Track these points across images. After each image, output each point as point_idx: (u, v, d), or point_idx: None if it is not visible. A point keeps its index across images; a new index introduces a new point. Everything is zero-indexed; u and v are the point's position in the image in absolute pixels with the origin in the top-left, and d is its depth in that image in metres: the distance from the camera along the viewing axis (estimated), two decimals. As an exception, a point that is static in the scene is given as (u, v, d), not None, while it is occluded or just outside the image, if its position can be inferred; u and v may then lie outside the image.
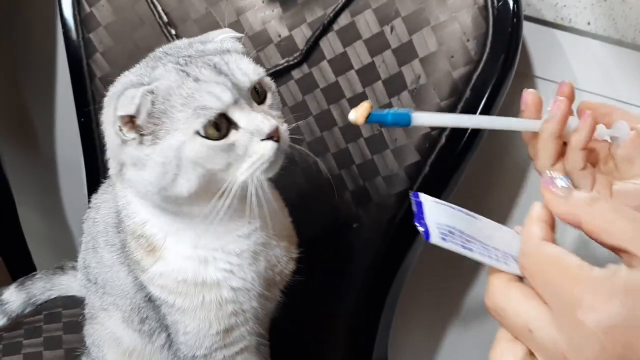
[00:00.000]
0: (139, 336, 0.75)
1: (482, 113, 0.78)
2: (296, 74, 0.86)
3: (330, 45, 0.83)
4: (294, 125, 0.62)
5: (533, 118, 0.57)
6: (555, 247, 0.40)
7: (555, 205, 0.42)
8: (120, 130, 0.56)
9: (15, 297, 1.03)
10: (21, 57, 1.29)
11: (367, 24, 0.80)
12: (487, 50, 0.76)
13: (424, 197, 0.46)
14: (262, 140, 0.56)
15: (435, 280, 1.11)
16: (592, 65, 0.83)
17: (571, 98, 0.56)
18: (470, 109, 0.78)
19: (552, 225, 0.42)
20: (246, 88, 0.57)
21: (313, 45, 0.84)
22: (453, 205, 0.48)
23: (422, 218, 0.44)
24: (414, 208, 0.46)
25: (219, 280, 0.64)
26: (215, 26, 0.88)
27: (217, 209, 0.57)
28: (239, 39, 0.63)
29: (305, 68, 0.86)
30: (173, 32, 0.89)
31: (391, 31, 0.79)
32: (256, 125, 0.56)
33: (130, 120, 0.56)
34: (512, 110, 0.87)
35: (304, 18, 0.84)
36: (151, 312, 0.71)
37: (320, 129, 0.87)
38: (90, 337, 0.82)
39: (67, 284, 1.04)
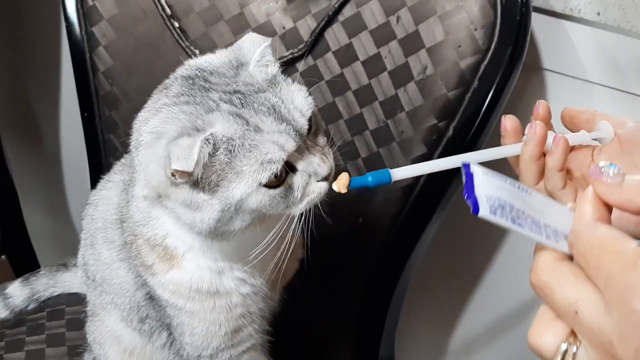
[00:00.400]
0: (139, 335, 0.74)
1: (490, 104, 0.77)
2: (301, 66, 0.85)
3: (336, 36, 0.82)
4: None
5: (513, 142, 0.58)
6: (610, 229, 0.39)
7: (610, 195, 0.41)
8: (173, 175, 0.52)
9: (19, 292, 1.03)
10: (25, 53, 1.29)
11: (372, 14, 0.79)
12: (496, 39, 0.74)
13: (475, 168, 0.45)
14: (318, 181, 0.56)
15: (443, 277, 1.10)
16: (602, 56, 0.81)
17: (547, 118, 0.58)
18: (478, 99, 0.76)
19: (609, 206, 0.41)
20: (304, 130, 0.55)
21: (318, 37, 0.83)
22: (505, 177, 0.47)
23: (472, 190, 0.43)
24: (464, 179, 0.44)
25: (231, 288, 0.65)
26: (219, 19, 0.87)
27: (263, 245, 0.56)
28: (269, 46, 0.59)
29: (310, 60, 0.84)
30: (176, 24, 0.88)
31: (397, 21, 0.78)
32: (314, 169, 0.55)
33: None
34: (521, 103, 0.86)
35: (308, 9, 0.83)
36: (151, 311, 0.70)
37: (326, 122, 0.86)
38: (91, 334, 0.81)
39: (71, 281, 1.04)
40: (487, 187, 0.44)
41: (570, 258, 0.41)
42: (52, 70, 1.25)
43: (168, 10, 0.88)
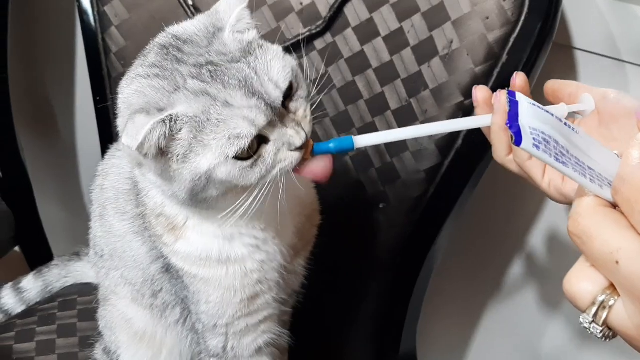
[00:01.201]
0: (149, 313, 0.72)
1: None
2: (319, 44, 0.81)
3: (355, 11, 0.78)
4: (317, 99, 0.59)
5: (486, 113, 0.59)
6: None
7: None
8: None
9: (32, 285, 1.03)
10: (40, 42, 1.27)
11: (394, -14, 0.75)
12: (526, 10, 0.70)
13: (520, 97, 0.42)
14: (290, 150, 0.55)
15: (466, 269, 1.06)
16: (637, 34, 0.76)
17: (525, 90, 0.59)
18: (507, 75, 0.71)
19: None
20: (278, 102, 0.53)
21: (337, 12, 0.79)
22: (552, 111, 0.43)
23: (516, 120, 0.40)
24: (507, 107, 0.42)
25: (244, 255, 0.63)
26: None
27: (243, 205, 0.55)
28: (246, 8, 0.57)
29: (328, 37, 0.81)
30: (190, 2, 0.85)
31: (421, -7, 0.74)
32: (287, 140, 0.54)
33: None
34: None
35: (327, -16, 0.79)
36: (166, 284, 0.68)
37: (345, 103, 0.82)
38: (102, 320, 0.80)
39: (83, 271, 1.02)
40: (532, 119, 0.41)
41: (614, 206, 0.39)
42: (68, 62, 1.23)
43: (182, -12, 0.85)
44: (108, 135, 0.98)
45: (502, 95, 0.55)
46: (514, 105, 0.42)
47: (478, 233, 1.01)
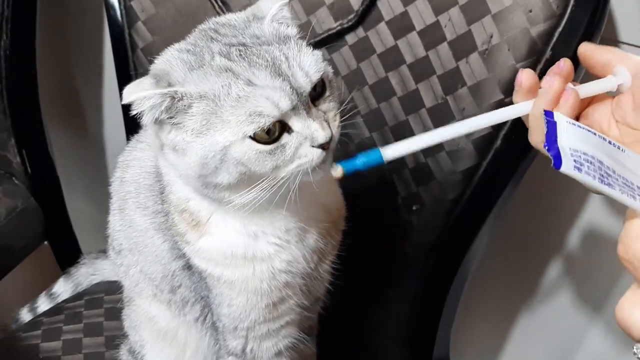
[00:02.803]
0: (167, 308, 0.71)
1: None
2: (350, 38, 0.78)
3: (389, 4, 0.75)
4: (349, 97, 0.57)
5: (524, 100, 0.56)
6: None
7: None
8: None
9: (64, 288, 1.05)
10: (68, 37, 1.27)
11: (431, -22, 0.72)
12: (572, 2, 0.66)
13: (559, 117, 0.40)
14: (313, 146, 0.53)
15: (503, 272, 1.02)
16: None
17: (570, 78, 0.55)
18: (551, 72, 0.68)
19: None
20: (306, 92, 0.53)
21: (369, 6, 0.75)
22: (594, 131, 0.40)
23: (555, 141, 0.39)
24: (545, 129, 0.40)
25: (270, 253, 0.61)
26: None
27: (255, 199, 0.54)
28: (287, 4, 0.58)
29: (360, 32, 0.77)
30: (218, -5, 0.82)
31: (459, -15, 0.70)
32: (311, 133, 0.53)
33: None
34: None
35: (359, -24, 0.76)
36: (186, 280, 0.67)
37: (377, 100, 0.79)
38: (127, 320, 0.80)
39: (110, 269, 1.02)
40: (572, 139, 0.39)
41: None
42: (95, 52, 1.22)
43: (208, -19, 0.83)
44: (134, 131, 0.97)
45: (555, 80, 0.52)
46: (551, 126, 0.39)
47: (515, 234, 0.97)
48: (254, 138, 0.51)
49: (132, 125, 0.96)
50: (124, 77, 0.94)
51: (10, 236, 1.10)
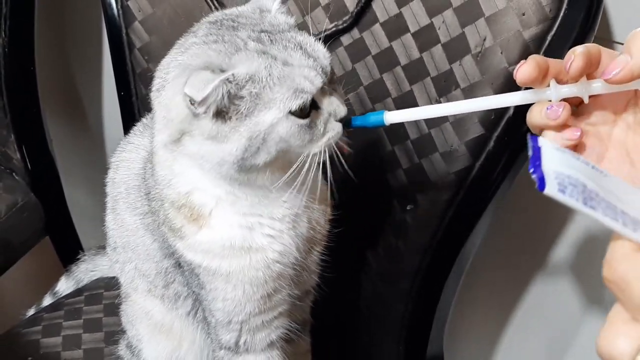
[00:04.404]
0: (162, 303, 0.73)
1: (557, 79, 0.68)
2: (346, 39, 0.79)
3: (384, 6, 0.75)
4: (345, 97, 0.61)
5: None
6: None
7: None
8: (192, 103, 0.53)
9: (66, 286, 1.06)
10: (67, 34, 1.27)
11: (425, -20, 0.72)
12: (565, 5, 0.66)
13: (543, 142, 0.41)
14: (335, 120, 0.59)
15: (497, 268, 1.03)
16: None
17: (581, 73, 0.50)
18: (543, 75, 0.68)
19: None
20: (328, 71, 0.58)
21: (364, 7, 0.76)
22: (578, 156, 0.42)
23: (539, 165, 0.39)
24: (530, 152, 0.41)
25: (264, 245, 0.63)
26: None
27: (283, 178, 0.58)
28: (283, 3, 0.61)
29: (355, 33, 0.78)
30: (214, -4, 0.83)
31: (453, -13, 0.70)
32: (334, 109, 0.58)
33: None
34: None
35: (354, -23, 0.76)
36: (179, 276, 0.69)
37: (372, 101, 0.80)
38: (125, 315, 0.81)
39: (109, 265, 1.02)
40: (557, 163, 0.40)
41: None
42: (94, 48, 1.23)
43: (205, -19, 0.83)
44: (131, 126, 0.97)
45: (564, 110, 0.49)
46: (536, 150, 0.40)
47: (511, 229, 0.97)
48: (293, 114, 0.55)
49: (129, 120, 0.97)
50: (122, 76, 0.95)
51: (10, 232, 1.11)
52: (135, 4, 0.89)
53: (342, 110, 0.58)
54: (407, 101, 0.77)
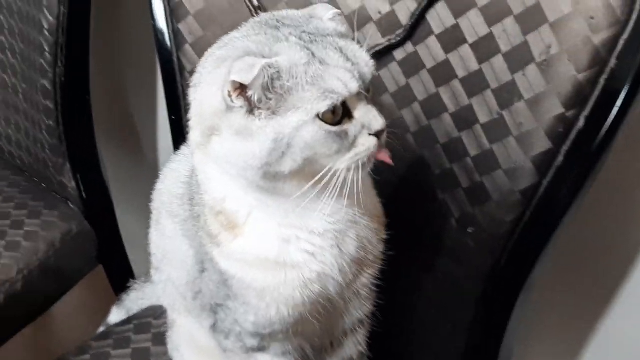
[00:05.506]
0: (189, 314, 0.71)
1: (632, 88, 0.63)
2: (399, 54, 0.75)
3: (439, 17, 0.71)
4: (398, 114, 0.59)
5: None
6: None
7: None
8: (229, 95, 0.53)
9: (117, 317, 1.04)
10: (121, 59, 1.29)
11: (483, -12, 0.68)
12: (638, 6, 0.61)
13: None
14: (370, 135, 0.56)
15: (568, 293, 0.95)
16: None
17: None
18: (616, 82, 0.63)
19: None
20: (368, 80, 0.56)
21: (419, 20, 0.72)
22: None
23: None
24: None
25: (299, 262, 0.60)
26: (308, 6, 0.80)
27: (309, 190, 0.55)
28: (339, 14, 0.60)
29: (409, 47, 0.74)
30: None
31: (514, -6, 0.66)
32: (369, 120, 0.55)
33: (241, 88, 0.52)
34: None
35: (408, -11, 0.73)
36: (204, 287, 0.66)
37: (427, 117, 0.76)
38: (171, 342, 0.80)
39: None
40: None
41: None
42: (147, 75, 1.24)
43: (256, 1, 0.82)
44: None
45: None
46: None
47: (584, 246, 0.90)
48: (322, 119, 0.53)
49: (181, 144, 0.96)
50: (173, 101, 0.94)
51: (64, 260, 1.11)
52: (186, 27, 0.88)
53: (378, 123, 0.55)
54: (465, 115, 0.72)
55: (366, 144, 0.55)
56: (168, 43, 0.91)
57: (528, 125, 0.68)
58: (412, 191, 0.80)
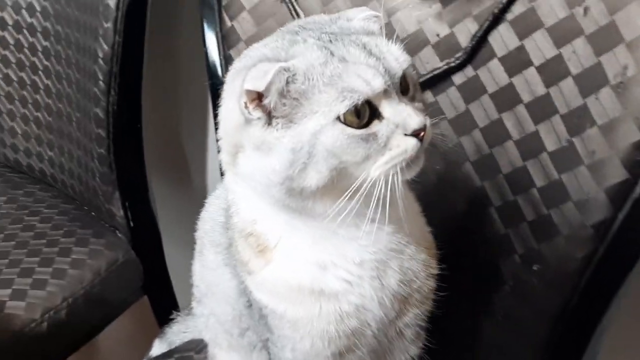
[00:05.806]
0: (237, 355, 0.68)
1: None
2: (458, 78, 0.72)
3: (502, 39, 0.68)
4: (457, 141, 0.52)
5: None
6: None
7: None
8: (246, 107, 0.50)
9: (159, 350, 1.02)
10: (174, 92, 1.30)
11: (551, 7, 0.64)
12: None
13: None
14: (406, 135, 0.50)
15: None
16: None
17: None
18: None
19: None
20: (397, 75, 0.51)
21: (480, 42, 0.69)
22: None
23: None
24: None
25: (337, 291, 0.56)
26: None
27: (343, 209, 0.50)
28: (377, 17, 0.56)
29: (469, 70, 0.71)
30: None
31: (584, 13, 0.62)
32: (403, 119, 0.50)
33: (258, 98, 0.49)
34: None
35: (469, 11, 0.70)
36: (251, 322, 0.63)
37: (489, 145, 0.71)
38: None
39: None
40: None
41: None
42: (199, 105, 1.24)
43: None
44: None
45: None
46: None
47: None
48: (344, 122, 0.48)
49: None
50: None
51: (109, 289, 1.10)
52: (237, 54, 0.87)
53: (415, 122, 0.49)
54: (531, 143, 0.67)
55: (402, 146, 0.50)
56: (219, 72, 0.90)
57: (601, 153, 0.63)
58: (471, 224, 0.75)
